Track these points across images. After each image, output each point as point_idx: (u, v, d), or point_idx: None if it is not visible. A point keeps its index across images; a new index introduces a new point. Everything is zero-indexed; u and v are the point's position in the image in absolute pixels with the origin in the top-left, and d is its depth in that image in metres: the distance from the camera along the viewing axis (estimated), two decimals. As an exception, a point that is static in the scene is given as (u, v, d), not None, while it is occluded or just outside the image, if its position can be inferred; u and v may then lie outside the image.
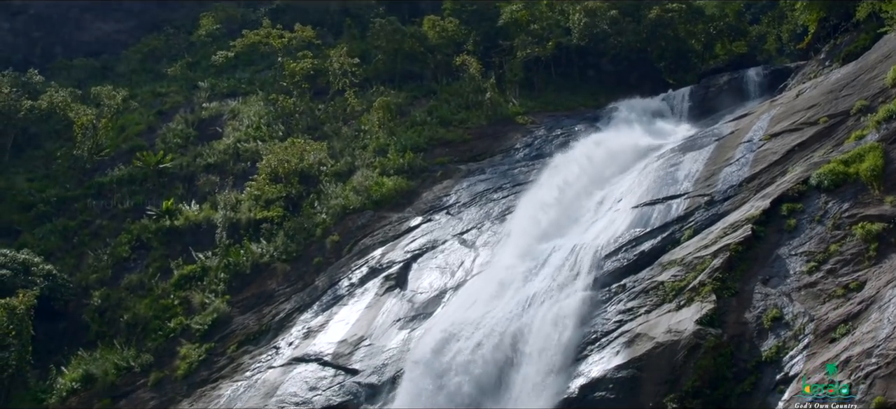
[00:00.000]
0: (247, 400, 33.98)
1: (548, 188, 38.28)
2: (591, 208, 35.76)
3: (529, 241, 34.49)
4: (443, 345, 29.89)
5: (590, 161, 39.89)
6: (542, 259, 32.35)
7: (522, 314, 29.52)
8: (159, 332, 40.67)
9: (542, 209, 36.37)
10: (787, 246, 26.84)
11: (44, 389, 39.41)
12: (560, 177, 38.73)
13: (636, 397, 25.42)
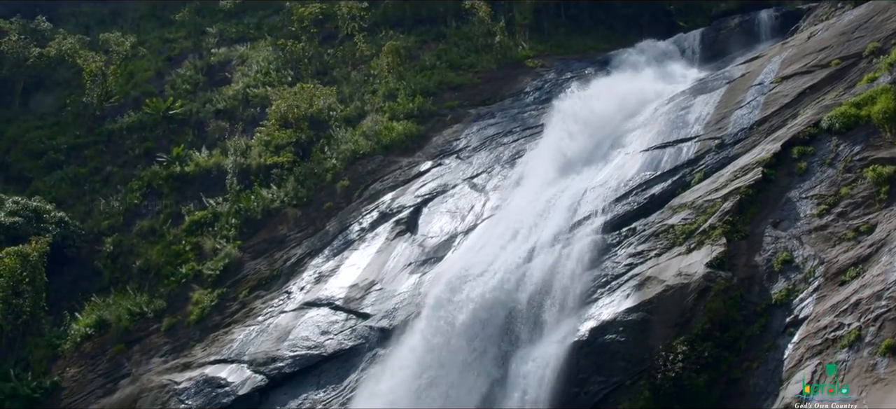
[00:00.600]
0: (259, 345, 34.23)
1: (557, 132, 38.18)
2: (602, 151, 35.69)
3: (540, 184, 34.45)
4: (453, 289, 29.99)
5: (600, 104, 39.72)
6: (553, 203, 32.34)
7: (532, 258, 29.60)
8: (172, 278, 40.90)
9: (552, 153, 36.29)
10: (797, 189, 26.82)
11: (58, 335, 39.77)
12: (570, 120, 38.62)
13: (646, 339, 25.55)
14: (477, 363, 27.89)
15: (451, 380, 27.81)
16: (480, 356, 28.02)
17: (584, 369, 26.35)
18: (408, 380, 28.88)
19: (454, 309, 29.37)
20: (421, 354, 29.20)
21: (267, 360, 33.39)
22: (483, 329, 28.43)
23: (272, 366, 33.14)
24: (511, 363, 27.49)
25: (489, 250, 31.46)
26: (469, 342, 28.32)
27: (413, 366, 29.15)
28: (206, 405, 33.09)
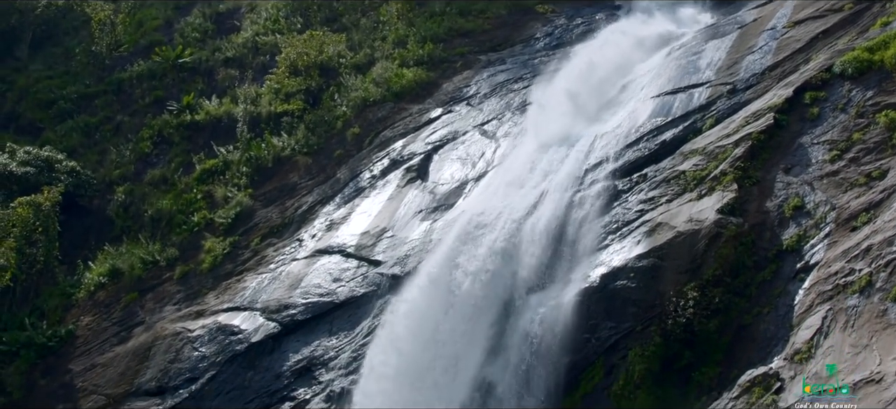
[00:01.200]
0: (271, 292, 34.46)
1: (568, 78, 38.02)
2: (613, 97, 35.55)
3: (550, 131, 34.38)
4: (463, 236, 30.08)
5: (611, 50, 39.51)
6: (563, 149, 32.31)
7: (543, 205, 29.62)
8: (183, 226, 41.07)
9: (563, 99, 36.16)
10: (809, 134, 26.74)
11: (72, 284, 40.05)
12: (581, 66, 38.44)
13: (657, 285, 25.65)
14: (488, 310, 28.01)
15: (462, 328, 27.96)
16: (492, 303, 28.14)
17: (594, 315, 26.50)
18: (420, 327, 29.04)
19: (465, 256, 29.46)
20: (432, 301, 29.32)
21: (279, 307, 33.63)
22: (494, 276, 28.53)
23: (284, 313, 33.39)
24: (522, 309, 27.60)
25: (500, 198, 31.50)
26: (481, 289, 28.43)
27: (425, 312, 29.29)
28: (220, 352, 33.38)
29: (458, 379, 27.41)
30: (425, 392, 27.78)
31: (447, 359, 27.79)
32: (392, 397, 28.28)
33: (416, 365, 28.29)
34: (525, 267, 28.38)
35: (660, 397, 24.52)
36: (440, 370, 27.89)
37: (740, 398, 22.40)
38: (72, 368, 36.20)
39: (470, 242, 29.82)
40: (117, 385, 34.35)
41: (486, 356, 27.43)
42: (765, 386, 22.02)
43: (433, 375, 27.97)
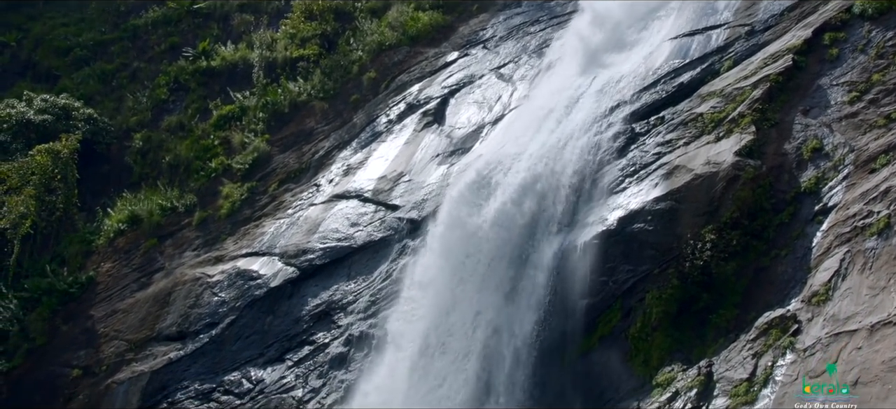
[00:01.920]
0: (290, 237, 34.63)
1: (585, 20, 37.73)
2: (630, 40, 35.28)
3: (567, 73, 34.21)
4: (481, 179, 30.07)
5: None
6: (580, 92, 32.14)
7: (559, 148, 29.54)
8: (201, 172, 41.21)
9: (580, 42, 35.93)
10: (828, 76, 26.54)
11: (92, 231, 40.33)
12: (598, 9, 38.11)
13: (674, 228, 25.65)
14: (505, 254, 28.07)
15: (480, 272, 28.06)
16: (509, 247, 28.18)
17: (612, 258, 26.54)
18: (437, 273, 29.15)
19: (482, 199, 29.47)
20: (450, 245, 29.39)
21: (297, 252, 33.82)
22: (510, 220, 28.53)
23: (303, 258, 33.58)
24: (539, 252, 27.65)
25: (516, 141, 31.42)
26: (498, 233, 28.46)
27: (443, 257, 29.38)
28: (239, 297, 33.65)
29: (478, 323, 27.52)
30: (445, 336, 27.94)
31: (466, 303, 27.89)
32: (414, 338, 28.46)
33: (437, 309, 28.41)
34: (542, 210, 28.36)
35: (677, 339, 24.62)
36: (459, 313, 28.02)
37: (757, 341, 22.49)
38: (93, 314, 36.57)
39: (486, 185, 29.78)
40: (138, 331, 34.71)
41: (505, 299, 27.52)
42: (782, 328, 22.09)
43: (452, 318, 28.10)
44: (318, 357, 31.23)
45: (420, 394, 27.62)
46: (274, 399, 30.66)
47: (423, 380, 27.77)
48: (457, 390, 27.01)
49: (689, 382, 23.02)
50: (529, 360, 26.59)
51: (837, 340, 20.44)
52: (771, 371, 21.50)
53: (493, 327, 27.22)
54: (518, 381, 26.43)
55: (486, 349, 27.11)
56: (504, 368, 26.75)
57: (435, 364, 27.80)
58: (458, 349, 27.49)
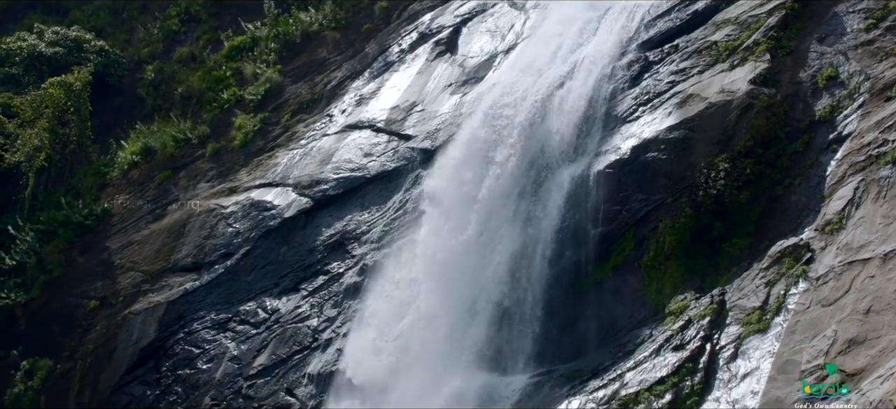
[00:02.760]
0: (303, 168, 34.69)
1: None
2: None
3: (581, 2, 33.87)
4: (494, 108, 29.97)
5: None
6: (594, 20, 31.85)
7: (573, 76, 29.38)
8: (214, 103, 41.18)
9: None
10: (844, 3, 26.17)
11: (106, 163, 40.51)
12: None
13: (688, 157, 25.59)
14: (519, 183, 28.07)
15: (493, 201, 28.08)
16: (523, 176, 28.18)
17: (625, 187, 26.54)
18: (451, 202, 29.19)
19: (495, 129, 29.39)
20: (464, 175, 29.37)
21: (311, 183, 33.90)
22: (524, 149, 28.49)
23: (316, 189, 33.68)
24: (553, 181, 27.64)
25: (529, 70, 31.23)
26: (512, 162, 28.42)
27: (456, 187, 29.39)
28: (254, 228, 33.83)
29: (495, 250, 27.61)
30: (462, 261, 28.04)
31: (481, 233, 27.97)
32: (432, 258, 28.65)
33: (454, 238, 28.48)
34: (555, 139, 28.27)
35: (690, 267, 24.71)
36: (475, 238, 28.09)
37: (770, 269, 22.55)
38: (109, 245, 36.86)
39: (500, 115, 29.68)
40: (154, 262, 34.98)
41: (520, 228, 27.57)
42: (795, 257, 22.13)
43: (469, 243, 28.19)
44: (332, 287, 31.45)
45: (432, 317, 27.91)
46: (289, 329, 30.94)
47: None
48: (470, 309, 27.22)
49: (701, 310, 23.13)
50: (543, 289, 26.71)
51: (850, 268, 20.48)
52: (783, 300, 21.58)
53: (508, 255, 27.32)
54: (531, 309, 26.60)
55: (499, 277, 27.23)
56: (517, 296, 26.91)
57: (449, 290, 27.93)
58: (473, 278, 27.60)
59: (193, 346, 31.98)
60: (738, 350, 21.82)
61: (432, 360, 27.17)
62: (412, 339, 28.00)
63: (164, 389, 31.47)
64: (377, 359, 28.19)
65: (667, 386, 22.21)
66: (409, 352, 27.85)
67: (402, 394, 26.99)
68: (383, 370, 27.88)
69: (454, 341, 27.16)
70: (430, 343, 27.52)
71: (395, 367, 27.80)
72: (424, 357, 27.40)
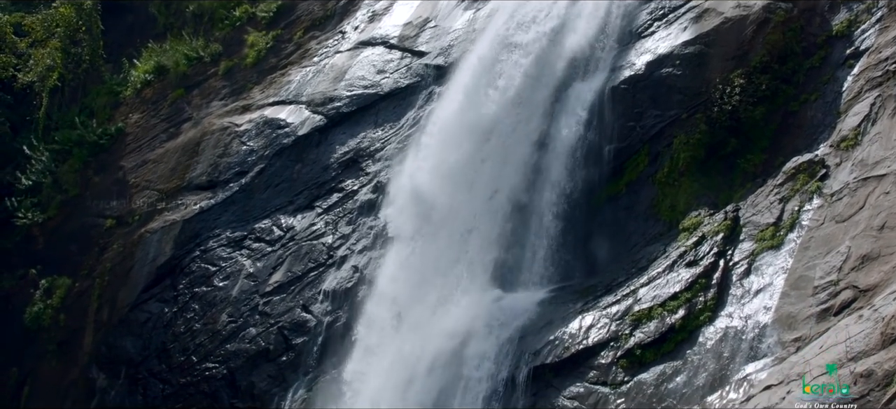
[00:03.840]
0: (316, 85, 34.58)
1: None
2: None
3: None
4: (507, 24, 29.76)
5: None
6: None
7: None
8: (225, 21, 40.87)
9: None
10: (863, -87, 25.82)
11: (118, 82, 40.48)
12: None
13: (703, 72, 25.46)
14: (534, 99, 27.96)
15: (508, 119, 28.00)
16: (537, 92, 28.05)
17: (640, 103, 26.47)
18: (463, 115, 29.12)
19: (509, 45, 29.21)
20: (475, 91, 29.26)
21: (324, 100, 33.83)
22: (538, 65, 28.34)
23: (330, 106, 33.62)
24: (567, 98, 27.53)
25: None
26: (526, 78, 28.30)
27: (468, 100, 29.29)
28: (268, 145, 33.86)
29: (508, 164, 27.63)
30: (476, 176, 28.08)
31: (496, 150, 27.95)
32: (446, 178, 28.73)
33: (467, 156, 28.49)
34: (569, 55, 28.11)
35: (704, 184, 24.71)
36: (490, 157, 28.09)
37: (785, 185, 22.53)
38: (123, 165, 36.99)
39: (514, 30, 29.48)
40: (169, 181, 35.12)
41: (533, 146, 27.54)
42: (810, 173, 22.11)
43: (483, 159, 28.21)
44: (346, 204, 31.55)
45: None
46: (304, 246, 31.12)
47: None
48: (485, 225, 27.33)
49: (715, 226, 23.19)
50: (557, 204, 26.77)
51: (865, 185, 20.43)
52: (797, 216, 21.61)
53: (521, 173, 27.35)
54: (545, 224, 26.69)
55: (513, 191, 27.29)
56: (531, 210, 27.00)
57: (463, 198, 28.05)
58: (486, 189, 27.66)
59: (209, 264, 32.22)
60: (751, 266, 21.92)
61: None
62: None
63: (181, 306, 31.80)
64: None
65: (680, 302, 22.37)
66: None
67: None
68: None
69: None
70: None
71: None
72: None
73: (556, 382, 23.09)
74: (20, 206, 36.42)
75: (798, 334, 19.60)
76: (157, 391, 30.54)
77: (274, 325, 29.82)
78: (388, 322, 27.64)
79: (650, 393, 21.52)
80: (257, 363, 29.49)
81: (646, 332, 22.41)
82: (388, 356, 26.75)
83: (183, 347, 30.85)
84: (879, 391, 16.51)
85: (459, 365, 24.75)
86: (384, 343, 27.21)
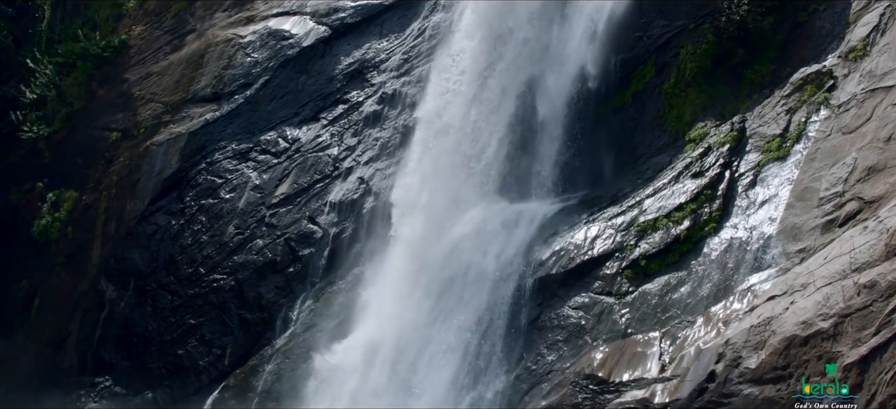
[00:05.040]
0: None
1: None
2: None
3: None
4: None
5: None
6: None
7: None
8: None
9: None
10: None
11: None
12: None
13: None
14: (543, 10, 27.70)
15: (521, 29, 27.77)
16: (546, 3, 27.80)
17: (647, 12, 26.36)
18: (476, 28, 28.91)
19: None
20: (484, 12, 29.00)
21: (329, 11, 33.57)
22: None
23: (334, 17, 33.37)
24: (575, 6, 27.24)
25: None
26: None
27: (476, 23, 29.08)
28: (272, 57, 33.67)
29: (519, 72, 27.54)
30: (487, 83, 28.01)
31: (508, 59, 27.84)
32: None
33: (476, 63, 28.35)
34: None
35: (711, 94, 24.63)
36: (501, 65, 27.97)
37: (792, 96, 22.47)
38: (128, 77, 36.81)
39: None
40: (173, 93, 35.00)
41: (539, 54, 27.40)
42: (817, 84, 22.03)
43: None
44: (352, 116, 31.51)
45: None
46: (310, 158, 31.15)
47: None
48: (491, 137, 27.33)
49: (721, 137, 23.19)
50: (563, 115, 26.74)
51: (873, 96, 20.36)
52: (804, 127, 21.59)
53: (529, 83, 27.27)
54: (553, 134, 26.70)
55: (522, 100, 27.22)
56: (538, 121, 26.97)
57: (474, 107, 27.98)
58: (493, 101, 27.60)
59: (216, 176, 32.26)
60: (757, 177, 21.98)
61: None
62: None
63: (188, 218, 31.93)
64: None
65: (685, 213, 22.49)
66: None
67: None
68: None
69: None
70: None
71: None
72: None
73: (561, 292, 23.33)
74: (25, 119, 36.37)
75: (802, 245, 19.72)
76: (165, 303, 30.81)
77: (281, 236, 29.99)
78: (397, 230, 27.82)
79: (654, 303, 21.73)
80: (265, 274, 29.71)
81: (651, 243, 22.58)
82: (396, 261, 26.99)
83: (190, 259, 31.05)
84: (882, 302, 16.68)
85: (469, 260, 25.15)
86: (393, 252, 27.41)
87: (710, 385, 18.88)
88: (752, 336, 18.60)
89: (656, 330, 21.21)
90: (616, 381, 20.77)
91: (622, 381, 20.68)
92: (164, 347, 30.02)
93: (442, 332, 24.70)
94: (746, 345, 18.61)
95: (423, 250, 26.64)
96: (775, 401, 17.75)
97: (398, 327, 25.47)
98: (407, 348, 25.09)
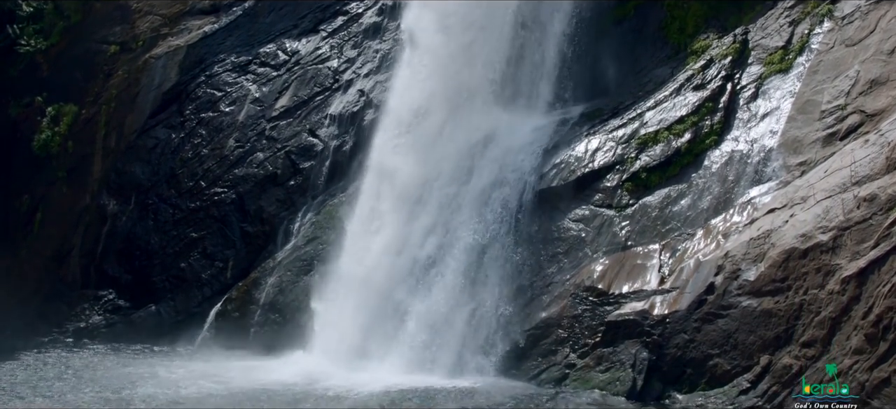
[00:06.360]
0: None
1: None
2: None
3: None
4: None
5: None
6: None
7: None
8: None
9: None
10: None
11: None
12: None
13: None
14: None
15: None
16: None
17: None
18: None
19: None
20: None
21: None
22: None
23: None
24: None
25: None
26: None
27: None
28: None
29: None
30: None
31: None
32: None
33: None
34: None
35: (713, 5, 24.53)
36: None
37: (795, 8, 22.36)
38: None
39: None
40: (171, 5, 34.67)
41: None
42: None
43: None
44: (351, 28, 31.35)
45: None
46: (310, 70, 31.02)
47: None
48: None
49: (723, 49, 23.09)
50: (564, 26, 26.56)
51: (877, 8, 20.24)
52: (807, 39, 21.48)
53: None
54: (553, 45, 26.54)
55: (521, 8, 26.98)
56: (538, 30, 26.78)
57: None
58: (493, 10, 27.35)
59: (215, 89, 32.13)
60: (758, 90, 21.94)
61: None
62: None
63: (188, 132, 31.87)
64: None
65: (686, 125, 22.48)
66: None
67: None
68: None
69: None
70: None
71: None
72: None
73: (561, 205, 23.40)
74: (22, 33, 36.02)
75: (803, 158, 19.76)
76: (167, 216, 30.89)
77: (281, 149, 29.99)
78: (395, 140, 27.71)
79: (654, 216, 21.83)
80: (266, 187, 29.77)
81: (651, 155, 22.61)
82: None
83: (191, 172, 31.07)
84: (882, 215, 16.77)
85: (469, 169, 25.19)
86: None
87: (708, 297, 19.07)
88: (752, 249, 18.73)
89: (656, 243, 21.36)
90: (615, 293, 20.96)
91: (621, 293, 20.87)
92: (167, 260, 30.15)
93: (440, 245, 24.77)
94: (746, 257, 18.75)
95: (423, 153, 26.58)
96: (773, 313, 17.94)
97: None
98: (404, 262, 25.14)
